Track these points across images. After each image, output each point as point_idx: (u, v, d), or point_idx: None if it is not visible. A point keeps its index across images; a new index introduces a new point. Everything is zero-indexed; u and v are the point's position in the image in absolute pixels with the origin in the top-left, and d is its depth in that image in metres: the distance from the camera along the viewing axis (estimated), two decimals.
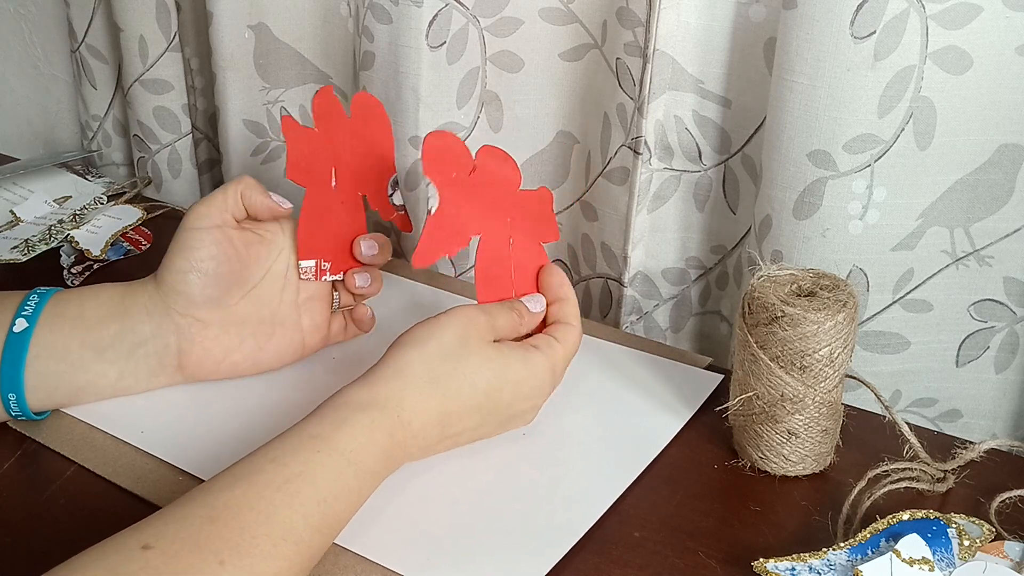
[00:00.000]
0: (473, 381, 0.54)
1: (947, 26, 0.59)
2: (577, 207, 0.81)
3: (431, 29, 0.76)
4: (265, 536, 0.44)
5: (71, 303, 0.60)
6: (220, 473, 0.47)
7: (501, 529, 0.53)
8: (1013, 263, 0.66)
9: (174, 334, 0.61)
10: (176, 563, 0.41)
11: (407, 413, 0.52)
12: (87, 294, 0.61)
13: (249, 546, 0.43)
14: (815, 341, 0.53)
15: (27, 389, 0.58)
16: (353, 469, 0.49)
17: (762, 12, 0.67)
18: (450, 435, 0.55)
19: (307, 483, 0.47)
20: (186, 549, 0.42)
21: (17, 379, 0.58)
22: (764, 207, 0.67)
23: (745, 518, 0.54)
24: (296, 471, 0.47)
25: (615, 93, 0.73)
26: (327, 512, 0.47)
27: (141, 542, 0.42)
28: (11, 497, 0.56)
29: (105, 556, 0.41)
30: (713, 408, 0.62)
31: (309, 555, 0.46)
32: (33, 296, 0.60)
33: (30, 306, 0.59)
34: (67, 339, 0.59)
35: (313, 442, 0.49)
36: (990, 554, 0.50)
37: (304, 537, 0.45)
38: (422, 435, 0.53)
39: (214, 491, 0.45)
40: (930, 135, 0.62)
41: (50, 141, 1.16)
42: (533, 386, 0.57)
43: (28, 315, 0.58)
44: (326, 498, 0.47)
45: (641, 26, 0.68)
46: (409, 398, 0.52)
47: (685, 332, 0.80)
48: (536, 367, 0.56)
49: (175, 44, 0.93)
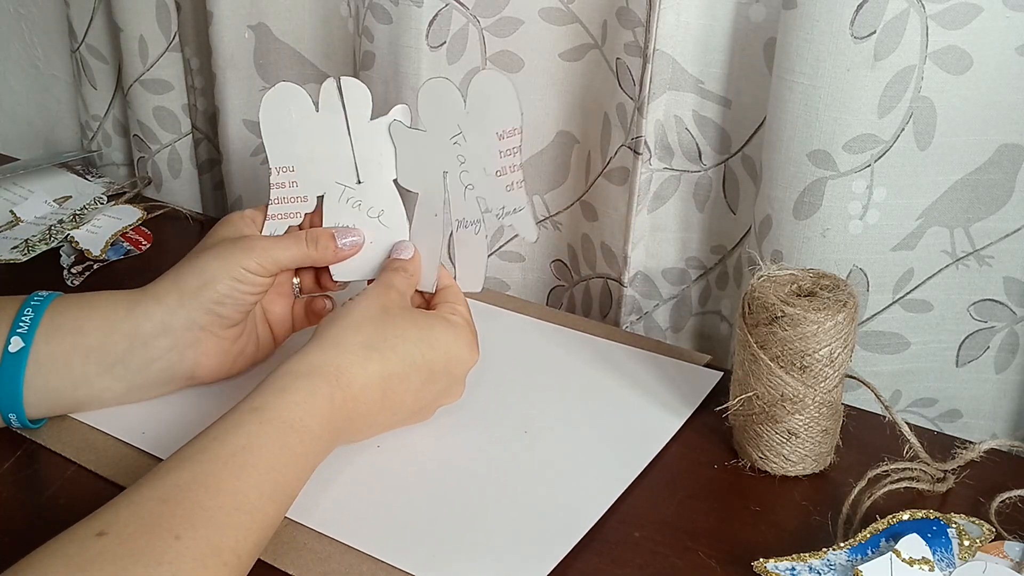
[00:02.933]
0: (405, 342, 0.55)
1: (947, 26, 0.59)
2: (577, 207, 0.81)
3: (431, 29, 0.76)
4: (217, 508, 0.44)
5: (69, 315, 0.58)
6: (167, 458, 0.47)
7: (503, 529, 0.53)
8: (1013, 263, 0.66)
9: (191, 348, 0.60)
10: (131, 544, 0.42)
11: (346, 377, 0.53)
12: (87, 307, 0.59)
13: (203, 519, 0.44)
14: (815, 341, 0.53)
15: (26, 405, 0.57)
16: (298, 436, 0.49)
17: (762, 12, 0.67)
18: (391, 401, 0.55)
19: (252, 455, 0.47)
20: (140, 530, 0.42)
21: (16, 400, 0.57)
22: (764, 207, 0.67)
23: (745, 518, 0.54)
24: (240, 444, 0.47)
25: (615, 93, 0.73)
26: (277, 480, 0.48)
27: (96, 530, 0.42)
28: (11, 498, 0.56)
29: (62, 548, 0.42)
30: (713, 408, 0.62)
31: (264, 523, 0.46)
32: (28, 310, 0.58)
33: (25, 322, 0.57)
34: (68, 355, 0.57)
35: (255, 414, 0.49)
36: (990, 554, 0.50)
37: (258, 506, 0.46)
38: (363, 399, 0.53)
39: (162, 474, 0.46)
40: (930, 135, 0.62)
41: (50, 141, 1.16)
42: (461, 347, 0.58)
43: (24, 333, 0.57)
44: (274, 466, 0.48)
45: (641, 26, 0.68)
46: (347, 363, 0.53)
47: (685, 332, 0.80)
48: (459, 328, 0.58)
49: (175, 44, 0.93)
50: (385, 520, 0.53)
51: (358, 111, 0.61)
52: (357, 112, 0.61)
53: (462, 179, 0.61)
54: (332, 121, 0.61)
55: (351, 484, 0.56)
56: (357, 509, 0.54)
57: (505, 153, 0.60)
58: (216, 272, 0.59)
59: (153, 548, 0.42)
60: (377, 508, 0.54)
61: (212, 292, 0.59)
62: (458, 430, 0.61)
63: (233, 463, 0.46)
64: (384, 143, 0.62)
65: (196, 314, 0.59)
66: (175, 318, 0.59)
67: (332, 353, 0.53)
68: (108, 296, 0.60)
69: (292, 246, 0.61)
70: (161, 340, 0.59)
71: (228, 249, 0.59)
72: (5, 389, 0.56)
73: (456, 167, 0.61)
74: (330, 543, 0.52)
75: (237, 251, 0.59)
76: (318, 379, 0.52)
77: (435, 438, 0.60)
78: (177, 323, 0.59)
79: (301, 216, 0.63)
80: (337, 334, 0.54)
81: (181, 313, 0.59)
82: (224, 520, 0.44)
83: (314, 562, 0.50)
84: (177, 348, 0.60)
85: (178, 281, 0.59)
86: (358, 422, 0.54)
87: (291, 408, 0.50)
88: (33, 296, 0.59)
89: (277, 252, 0.60)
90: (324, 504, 0.54)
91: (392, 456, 0.58)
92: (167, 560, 0.41)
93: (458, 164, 0.61)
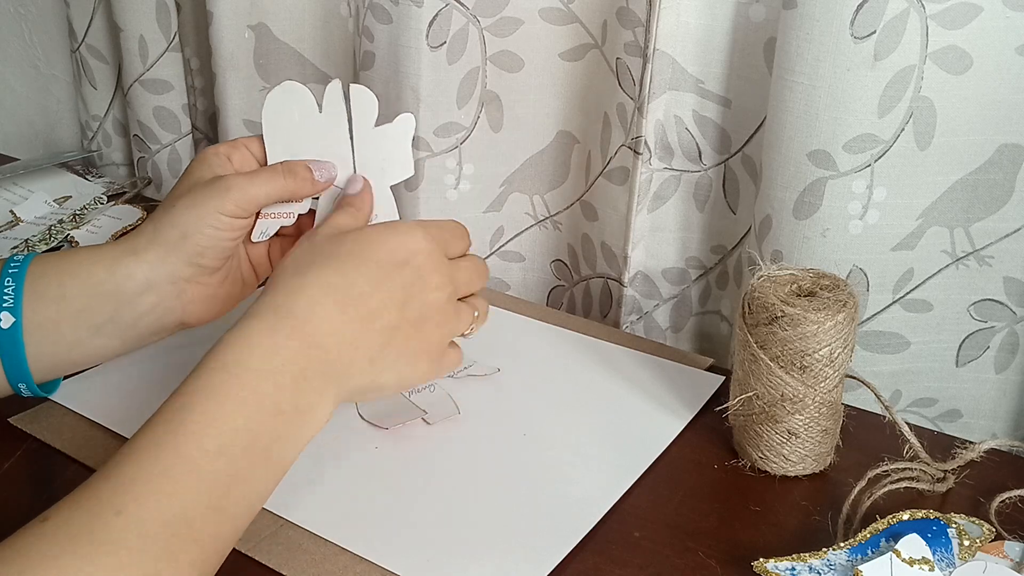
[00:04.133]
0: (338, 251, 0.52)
1: (947, 26, 0.59)
2: (577, 207, 0.81)
3: (431, 29, 0.76)
4: (161, 474, 0.41)
5: (51, 281, 0.56)
6: None
7: (502, 530, 0.53)
8: (1013, 263, 0.66)
9: (177, 300, 0.58)
10: (71, 525, 0.39)
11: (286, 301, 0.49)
12: (66, 270, 0.57)
13: (145, 490, 0.41)
14: (815, 341, 0.53)
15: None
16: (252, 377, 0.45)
17: (762, 12, 0.67)
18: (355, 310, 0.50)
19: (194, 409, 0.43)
20: (82, 510, 0.40)
21: (22, 369, 0.56)
22: (764, 207, 0.67)
23: (745, 518, 0.54)
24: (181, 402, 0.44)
25: (615, 93, 0.73)
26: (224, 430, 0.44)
27: (42, 518, 0.40)
28: (12, 496, 0.56)
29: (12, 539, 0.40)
30: (713, 408, 0.62)
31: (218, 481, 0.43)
32: (8, 280, 0.56)
33: (9, 295, 0.55)
34: (56, 322, 0.56)
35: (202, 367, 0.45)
36: (990, 554, 0.50)
37: (202, 464, 0.42)
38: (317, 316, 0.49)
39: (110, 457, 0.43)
40: (930, 135, 0.62)
41: (50, 141, 1.16)
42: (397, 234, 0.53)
43: (11, 307, 0.55)
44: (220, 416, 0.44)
45: (641, 26, 0.68)
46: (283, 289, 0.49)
47: (685, 332, 0.80)
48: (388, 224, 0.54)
49: (175, 44, 0.93)
50: (381, 522, 0.53)
51: (363, 117, 0.61)
52: (363, 118, 0.61)
53: None
54: (334, 123, 0.61)
55: (347, 485, 0.56)
56: (353, 510, 0.54)
57: None
58: (194, 221, 0.57)
59: (92, 527, 0.39)
60: (373, 510, 0.54)
61: (192, 244, 0.57)
62: (457, 432, 0.61)
63: (176, 421, 0.43)
64: (388, 149, 0.62)
65: (178, 267, 0.57)
66: (157, 274, 0.57)
67: (269, 293, 0.49)
68: (86, 254, 0.58)
69: (268, 181, 0.58)
70: (146, 297, 0.57)
71: (203, 194, 0.57)
72: (11, 363, 0.56)
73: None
74: (324, 544, 0.51)
75: (213, 195, 0.56)
76: (271, 317, 0.48)
77: (433, 439, 0.60)
78: (160, 278, 0.57)
79: (295, 217, 0.62)
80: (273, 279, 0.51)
81: (163, 268, 0.57)
82: (170, 489, 0.41)
83: (308, 563, 0.50)
84: (164, 302, 0.58)
85: (156, 235, 0.57)
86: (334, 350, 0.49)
87: (223, 350, 0.46)
88: (9, 263, 0.57)
89: (253, 190, 0.57)
90: (319, 505, 0.54)
91: (389, 457, 0.58)
92: (110, 539, 0.39)
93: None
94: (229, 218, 0.57)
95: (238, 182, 0.57)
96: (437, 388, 0.65)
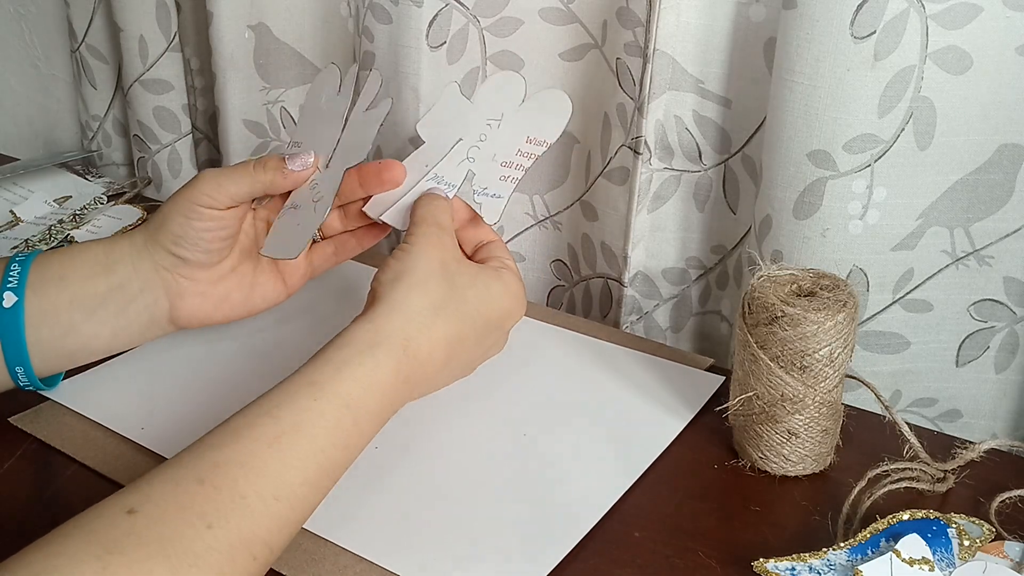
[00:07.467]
0: (466, 303, 0.55)
1: (947, 26, 0.59)
2: (577, 207, 0.81)
3: (431, 29, 0.76)
4: (256, 496, 0.42)
5: (53, 265, 0.58)
6: (213, 429, 0.45)
7: (502, 530, 0.53)
8: (1013, 263, 0.66)
9: (162, 289, 0.60)
10: (161, 527, 0.39)
11: (413, 346, 0.51)
12: (68, 253, 0.59)
13: (238, 507, 0.41)
14: (815, 341, 0.53)
15: None
16: (352, 415, 0.47)
17: (762, 12, 0.67)
18: (452, 361, 0.55)
19: (303, 435, 0.45)
20: (171, 512, 0.40)
21: (21, 352, 0.57)
22: (764, 207, 0.67)
23: (745, 518, 0.54)
24: (291, 423, 0.45)
25: (615, 93, 0.73)
26: (323, 463, 0.45)
27: (126, 507, 0.40)
28: (12, 497, 0.56)
29: (89, 523, 0.40)
30: (713, 408, 0.62)
31: (303, 510, 0.45)
32: (14, 265, 0.57)
33: (14, 277, 0.57)
34: (55, 304, 0.57)
35: (310, 389, 0.47)
36: (990, 554, 0.50)
37: (298, 493, 0.44)
38: (428, 364, 0.53)
39: (204, 449, 0.44)
40: (930, 135, 0.62)
41: (50, 141, 1.16)
42: (513, 302, 0.58)
43: (15, 287, 0.56)
44: (324, 448, 0.45)
45: (641, 26, 0.68)
46: (415, 330, 0.52)
47: (685, 332, 0.80)
48: (510, 283, 0.58)
49: (175, 44, 0.93)
50: (381, 522, 0.53)
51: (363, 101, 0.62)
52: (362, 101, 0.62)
53: (469, 152, 0.63)
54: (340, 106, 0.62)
55: (347, 484, 0.55)
56: (352, 510, 0.54)
57: (521, 153, 0.62)
58: (170, 208, 0.59)
59: (183, 536, 0.39)
60: (373, 509, 0.54)
61: (167, 231, 0.59)
62: (457, 432, 0.61)
63: (280, 444, 0.44)
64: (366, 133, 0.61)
65: (159, 255, 0.59)
66: (142, 259, 0.59)
67: (399, 320, 0.51)
68: (90, 244, 0.60)
69: (237, 172, 0.59)
70: (133, 282, 0.59)
71: (182, 189, 0.59)
72: (9, 343, 0.56)
73: (472, 140, 0.63)
74: (324, 543, 0.51)
75: (189, 185, 0.59)
76: (383, 352, 0.50)
77: (434, 439, 0.60)
78: (144, 264, 0.59)
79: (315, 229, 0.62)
80: (402, 297, 0.52)
81: (145, 254, 0.59)
82: (261, 510, 0.42)
83: (307, 562, 0.50)
84: (150, 290, 0.59)
85: (147, 223, 0.60)
86: (420, 387, 0.53)
87: (350, 384, 0.47)
88: (16, 255, 0.59)
89: (223, 180, 0.58)
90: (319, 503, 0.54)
91: (390, 457, 0.58)
92: (195, 550, 0.39)
93: (476, 139, 0.62)
94: (200, 208, 0.58)
95: (211, 173, 0.59)
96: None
